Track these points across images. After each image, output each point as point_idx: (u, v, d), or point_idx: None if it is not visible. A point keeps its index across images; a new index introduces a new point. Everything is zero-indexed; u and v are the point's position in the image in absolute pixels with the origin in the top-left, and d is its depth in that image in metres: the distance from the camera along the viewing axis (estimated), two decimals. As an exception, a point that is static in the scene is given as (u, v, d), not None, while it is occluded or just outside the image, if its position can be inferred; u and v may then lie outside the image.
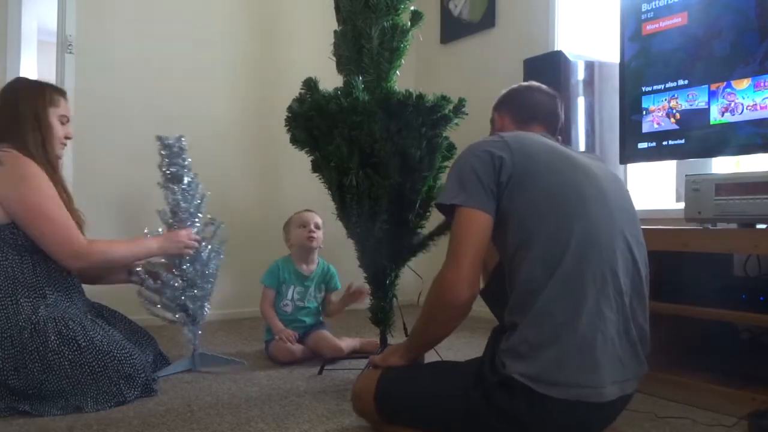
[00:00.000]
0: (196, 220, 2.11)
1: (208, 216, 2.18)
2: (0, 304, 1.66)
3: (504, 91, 1.61)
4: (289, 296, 2.47)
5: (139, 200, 3.01)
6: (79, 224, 1.83)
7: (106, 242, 1.87)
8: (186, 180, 2.10)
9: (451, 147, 1.98)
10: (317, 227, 2.46)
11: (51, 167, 1.79)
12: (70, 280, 1.84)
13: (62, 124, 1.86)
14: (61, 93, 1.88)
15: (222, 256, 2.18)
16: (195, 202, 2.11)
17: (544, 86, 1.58)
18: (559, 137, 1.55)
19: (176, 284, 2.05)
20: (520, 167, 1.26)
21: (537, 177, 1.26)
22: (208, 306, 2.14)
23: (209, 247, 2.14)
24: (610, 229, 1.23)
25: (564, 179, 1.26)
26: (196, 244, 2.06)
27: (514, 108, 1.55)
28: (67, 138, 1.88)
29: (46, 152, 1.79)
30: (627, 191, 1.37)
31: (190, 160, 2.13)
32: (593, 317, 1.17)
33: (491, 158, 1.28)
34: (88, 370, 1.67)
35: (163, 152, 2.09)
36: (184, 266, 2.06)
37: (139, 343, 1.95)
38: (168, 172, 2.09)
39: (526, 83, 1.62)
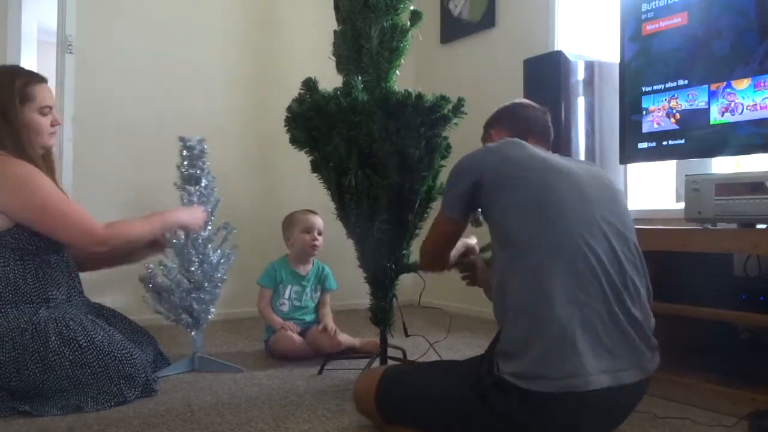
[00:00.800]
0: (209, 223, 2.11)
1: (222, 221, 2.18)
2: (1, 310, 1.66)
3: (497, 109, 1.66)
4: (287, 295, 2.49)
5: (139, 201, 3.01)
6: None
7: (123, 222, 1.85)
8: (203, 182, 2.10)
9: (449, 147, 1.99)
10: (320, 233, 2.48)
11: (35, 163, 1.73)
12: (71, 282, 1.84)
13: (44, 115, 1.77)
14: (38, 81, 1.77)
15: (231, 261, 2.18)
16: (208, 207, 2.11)
17: (533, 102, 1.67)
18: (539, 150, 1.58)
19: (184, 286, 2.05)
20: (496, 174, 1.34)
21: (511, 184, 1.32)
22: (213, 310, 2.14)
23: (218, 251, 2.14)
24: (586, 225, 1.25)
25: (538, 183, 1.30)
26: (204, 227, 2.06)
27: (511, 123, 1.60)
28: (53, 125, 1.80)
29: (26, 153, 1.72)
30: (611, 187, 1.38)
31: (209, 163, 2.14)
32: (567, 307, 1.19)
33: (468, 169, 1.40)
34: (89, 371, 1.67)
35: (184, 153, 2.09)
36: (192, 268, 2.06)
37: (139, 342, 1.95)
38: (187, 173, 2.09)
39: (517, 100, 1.68)
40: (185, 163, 2.10)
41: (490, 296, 1.45)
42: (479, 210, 1.44)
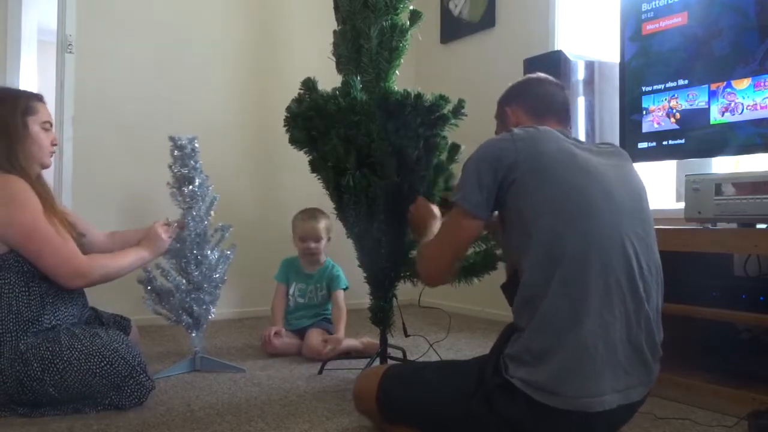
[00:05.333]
0: (205, 223, 2.11)
1: (220, 224, 2.18)
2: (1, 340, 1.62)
3: (513, 84, 1.55)
4: (291, 292, 2.54)
5: (139, 201, 3.01)
6: (71, 229, 1.75)
7: (103, 257, 1.79)
8: (197, 182, 2.09)
9: (456, 147, 1.98)
10: (317, 240, 2.49)
11: (30, 179, 1.68)
12: (76, 303, 1.79)
13: (45, 131, 1.75)
14: (38, 98, 1.78)
15: (230, 261, 2.18)
16: (204, 205, 2.10)
17: (551, 77, 1.54)
18: (570, 127, 1.51)
19: (183, 287, 2.04)
20: (524, 170, 1.25)
21: (541, 182, 1.24)
22: (214, 310, 2.14)
23: (216, 251, 2.13)
24: (616, 236, 1.21)
25: (570, 184, 1.23)
26: (172, 233, 1.99)
27: (529, 102, 1.49)
28: (53, 144, 1.79)
29: (21, 165, 1.67)
30: (640, 192, 1.33)
31: (201, 162, 2.13)
32: (595, 325, 1.17)
33: (497, 160, 1.27)
34: (73, 391, 1.63)
35: (175, 153, 2.08)
36: (190, 269, 2.05)
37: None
38: (179, 173, 2.08)
39: (534, 75, 1.56)
40: (177, 163, 2.08)
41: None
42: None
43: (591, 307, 1.17)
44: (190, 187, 2.07)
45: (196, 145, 2.11)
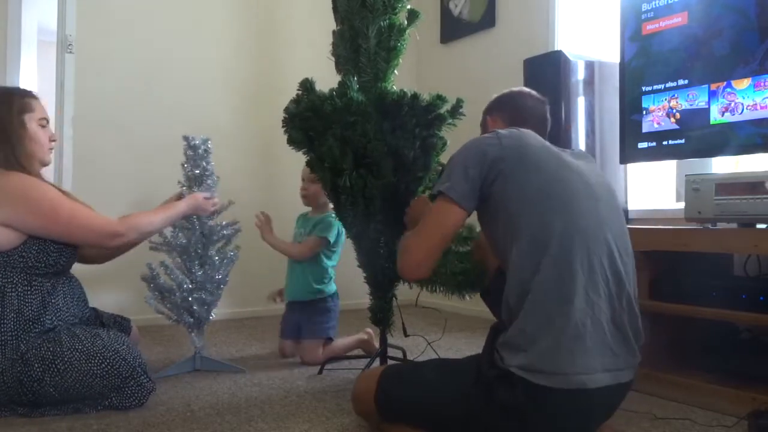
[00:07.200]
0: (210, 224, 2.10)
1: (228, 221, 2.17)
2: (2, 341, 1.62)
3: (496, 96, 1.65)
4: (294, 237, 2.52)
5: (140, 201, 3.01)
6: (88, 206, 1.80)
7: (136, 215, 1.84)
8: (208, 183, 2.09)
9: (445, 146, 1.98)
10: (311, 181, 2.35)
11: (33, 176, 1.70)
12: (77, 304, 1.80)
13: (42, 127, 1.75)
14: (32, 95, 1.77)
15: (234, 262, 2.17)
16: (214, 192, 2.10)
17: (534, 92, 1.64)
18: (546, 142, 1.56)
19: (185, 286, 2.04)
20: (510, 162, 1.31)
21: (526, 173, 1.30)
22: (215, 310, 2.13)
23: (220, 254, 2.13)
24: (596, 222, 1.28)
25: (553, 175, 1.30)
26: (213, 207, 2.07)
27: (507, 112, 1.59)
28: (52, 141, 1.79)
29: (22, 164, 1.68)
30: (612, 189, 1.41)
31: (213, 163, 2.13)
32: (584, 304, 1.21)
33: (483, 154, 1.33)
34: (73, 392, 1.63)
35: (188, 153, 2.09)
36: (194, 269, 2.05)
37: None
38: (190, 173, 2.08)
39: (517, 89, 1.66)
40: (189, 163, 2.09)
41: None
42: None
43: (578, 286, 1.21)
44: (201, 189, 2.07)
45: (210, 145, 2.12)
